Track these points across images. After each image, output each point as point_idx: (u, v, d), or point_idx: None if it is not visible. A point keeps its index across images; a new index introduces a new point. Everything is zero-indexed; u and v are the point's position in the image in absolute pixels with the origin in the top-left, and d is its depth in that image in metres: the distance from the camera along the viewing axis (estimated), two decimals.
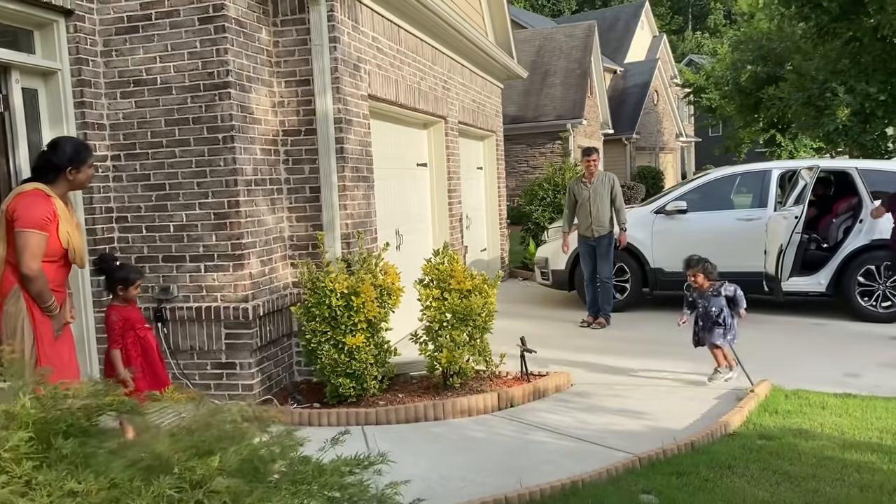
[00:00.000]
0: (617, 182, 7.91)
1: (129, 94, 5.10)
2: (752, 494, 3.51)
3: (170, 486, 1.99)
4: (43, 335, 3.34)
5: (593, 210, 7.72)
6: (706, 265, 5.74)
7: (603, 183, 7.76)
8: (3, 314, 3.28)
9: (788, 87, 12.61)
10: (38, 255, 3.33)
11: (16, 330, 3.27)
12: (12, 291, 3.31)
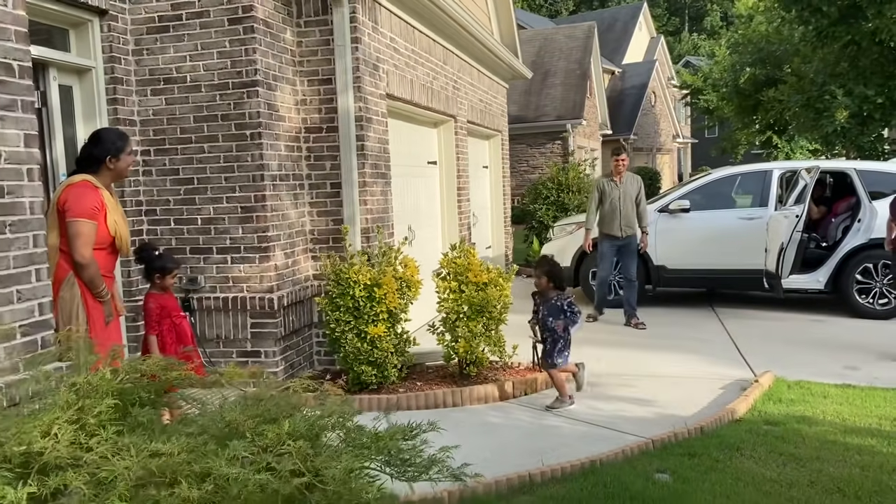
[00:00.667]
0: (643, 184, 8.04)
1: (159, 91, 5.29)
2: (760, 473, 3.73)
3: (244, 449, 2.19)
4: (95, 320, 3.54)
5: (623, 210, 7.74)
6: (553, 268, 5.27)
7: (632, 183, 7.83)
8: (59, 300, 3.47)
9: (788, 89, 12.85)
10: (89, 243, 3.52)
11: (71, 315, 3.47)
12: (66, 279, 3.50)
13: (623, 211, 7.77)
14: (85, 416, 2.31)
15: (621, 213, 7.77)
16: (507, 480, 3.61)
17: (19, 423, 2.16)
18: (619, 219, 7.77)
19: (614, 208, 7.78)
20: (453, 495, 3.46)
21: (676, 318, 8.30)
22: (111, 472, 2.07)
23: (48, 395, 2.68)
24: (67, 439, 2.14)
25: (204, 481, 2.11)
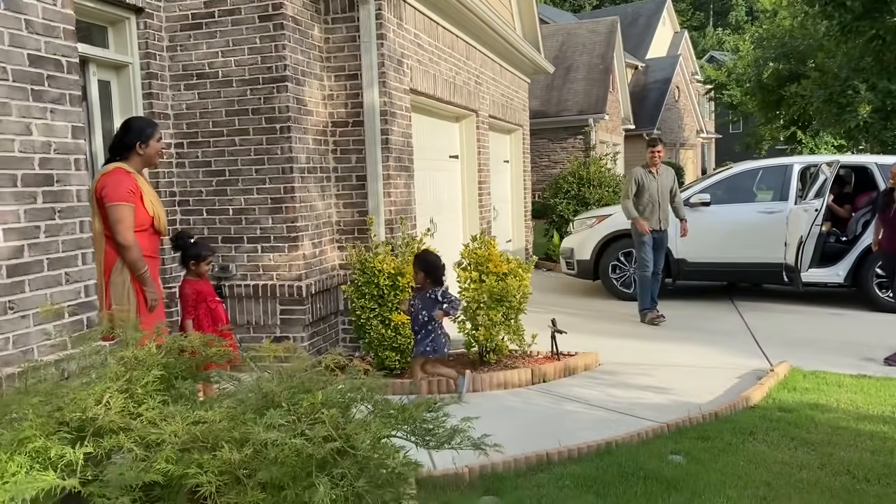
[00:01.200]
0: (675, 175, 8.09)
1: (192, 86, 5.49)
2: (772, 456, 3.85)
3: (280, 417, 2.37)
4: (142, 304, 3.74)
5: (661, 201, 7.75)
6: (429, 264, 5.11)
7: (667, 175, 7.84)
8: (111, 285, 3.68)
9: (811, 84, 12.81)
10: (130, 226, 3.72)
11: (122, 298, 3.67)
12: (116, 264, 3.71)
13: (662, 203, 7.77)
14: (133, 386, 2.51)
15: (660, 205, 7.76)
16: (525, 459, 3.76)
17: (75, 392, 2.35)
18: (658, 211, 7.75)
19: (653, 200, 7.72)
20: (473, 471, 3.62)
21: (696, 310, 8.38)
22: (159, 435, 2.25)
23: (97, 368, 2.89)
24: (118, 406, 2.33)
25: (243, 446, 2.29)
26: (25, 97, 3.12)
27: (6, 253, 3.01)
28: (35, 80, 3.17)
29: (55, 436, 2.21)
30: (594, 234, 9.21)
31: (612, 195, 12.10)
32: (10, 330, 3.02)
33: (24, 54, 3.11)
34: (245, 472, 2.29)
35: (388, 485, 2.42)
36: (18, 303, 3.06)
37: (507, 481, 3.55)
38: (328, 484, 2.18)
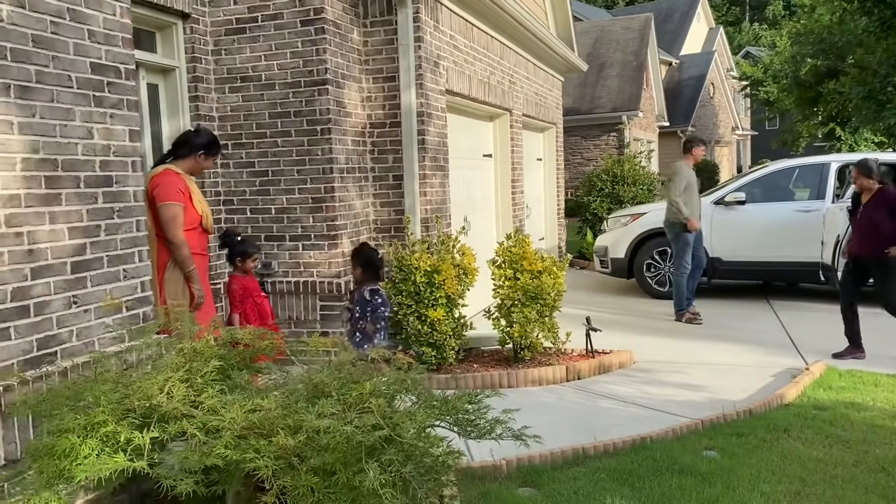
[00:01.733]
0: None
1: (236, 89, 5.67)
2: (807, 453, 3.89)
3: (331, 406, 2.50)
4: (193, 299, 3.93)
5: (698, 200, 7.89)
6: (369, 257, 5.30)
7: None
8: (165, 281, 3.87)
9: (850, 81, 12.64)
10: (180, 224, 3.91)
11: (177, 294, 3.86)
12: (170, 261, 3.89)
13: (699, 200, 7.90)
14: (193, 376, 2.66)
15: (700, 201, 7.90)
16: (561, 452, 3.86)
17: (140, 381, 2.50)
18: (699, 208, 7.85)
19: (696, 197, 7.81)
20: (510, 463, 3.73)
21: (731, 309, 8.38)
22: (220, 422, 2.40)
23: (154, 359, 3.05)
24: (181, 395, 2.48)
25: (297, 433, 2.43)
26: (88, 103, 3.30)
27: (70, 250, 3.19)
28: (96, 86, 3.34)
29: (124, 421, 2.37)
30: (629, 232, 9.24)
31: (647, 193, 12.09)
32: (74, 323, 3.20)
33: (87, 62, 3.29)
34: (297, 457, 2.43)
35: (432, 472, 2.54)
36: (81, 297, 3.24)
37: (544, 474, 3.66)
38: (377, 469, 2.30)
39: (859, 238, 6.12)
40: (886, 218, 5.88)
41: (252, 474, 2.63)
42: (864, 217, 6.05)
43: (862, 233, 6.08)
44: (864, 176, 6.06)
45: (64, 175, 3.17)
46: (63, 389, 2.48)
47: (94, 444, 2.37)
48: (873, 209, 5.97)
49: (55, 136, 3.13)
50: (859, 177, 6.10)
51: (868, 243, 5.99)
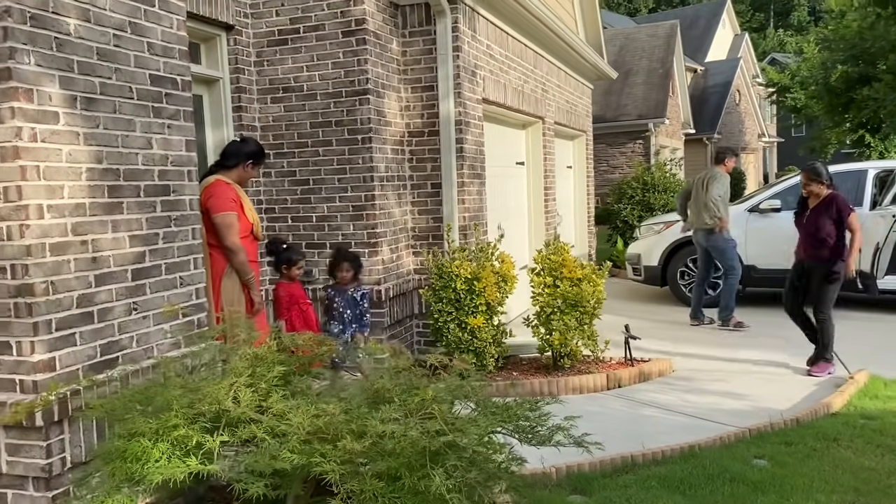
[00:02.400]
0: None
1: (278, 99, 5.75)
2: (858, 462, 3.85)
3: (394, 411, 2.53)
4: (248, 306, 4.00)
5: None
6: (358, 258, 5.39)
7: None
8: (221, 289, 3.95)
9: (883, 87, 12.51)
10: (237, 232, 3.98)
11: (233, 301, 3.93)
12: (226, 270, 3.97)
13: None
14: (257, 381, 2.71)
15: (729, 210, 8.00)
16: (610, 460, 3.86)
17: (208, 386, 2.55)
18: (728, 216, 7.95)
19: (727, 205, 7.94)
20: (560, 471, 3.73)
21: (767, 317, 8.29)
22: (288, 426, 2.44)
23: (211, 365, 3.11)
24: (248, 399, 2.53)
25: (361, 438, 2.46)
26: (147, 114, 3.37)
27: (131, 258, 3.25)
28: (155, 97, 3.42)
29: (195, 425, 2.41)
30: (662, 240, 9.20)
31: None
32: (135, 329, 3.26)
33: (146, 74, 3.37)
34: (362, 462, 2.46)
35: (495, 478, 2.56)
36: (141, 304, 3.30)
37: (594, 481, 3.65)
38: (443, 475, 2.33)
39: (805, 242, 6.05)
40: (832, 225, 5.80)
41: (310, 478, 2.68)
42: (811, 222, 5.96)
43: (808, 238, 6.00)
44: (814, 181, 5.97)
45: (125, 184, 3.24)
46: (135, 394, 2.54)
47: (165, 448, 2.42)
48: (819, 215, 5.89)
49: (117, 147, 3.21)
50: (809, 182, 5.99)
51: (813, 248, 5.92)
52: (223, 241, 3.95)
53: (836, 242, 5.82)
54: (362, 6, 5.47)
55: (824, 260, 5.86)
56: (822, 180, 5.94)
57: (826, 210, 5.88)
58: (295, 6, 5.62)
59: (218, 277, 3.99)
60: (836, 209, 5.84)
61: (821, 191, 5.96)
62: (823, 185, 5.95)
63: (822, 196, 5.96)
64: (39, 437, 2.81)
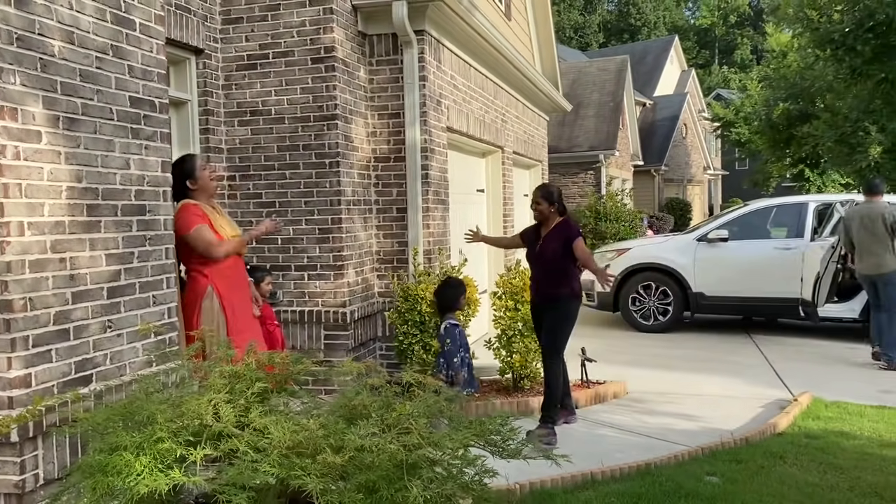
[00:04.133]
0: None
1: (245, 122, 5.82)
2: (803, 478, 4.07)
3: (374, 426, 2.62)
4: (231, 325, 4.03)
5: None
6: (441, 290, 5.56)
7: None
8: (202, 310, 3.98)
9: (821, 124, 13.18)
10: (212, 239, 4.00)
11: (212, 322, 3.96)
12: (207, 290, 4.00)
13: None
14: (235, 397, 2.77)
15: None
16: (571, 477, 4.00)
17: (189, 401, 2.61)
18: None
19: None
20: (524, 487, 3.85)
21: (715, 342, 8.62)
22: (270, 440, 2.51)
23: (190, 383, 3.15)
24: (230, 414, 2.59)
25: (339, 452, 2.55)
26: (126, 135, 3.43)
27: (107, 276, 3.29)
28: (134, 119, 3.48)
29: (178, 438, 2.47)
30: (614, 267, 9.47)
31: (629, 230, 12.40)
32: (109, 347, 3.29)
33: (126, 96, 3.43)
34: (341, 475, 2.54)
35: (469, 490, 2.66)
36: (115, 322, 3.33)
37: (557, 497, 3.78)
38: (420, 486, 2.43)
39: (538, 276, 5.20)
40: (562, 253, 4.99)
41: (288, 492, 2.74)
42: (546, 251, 5.09)
43: (542, 270, 5.16)
44: (545, 202, 5.14)
45: (103, 203, 3.29)
46: (118, 409, 2.58)
47: (146, 462, 2.47)
48: (551, 242, 5.09)
49: (97, 166, 3.26)
50: (540, 203, 5.16)
51: (549, 285, 5.08)
52: (206, 254, 4.01)
53: (572, 277, 5.05)
54: (332, 34, 5.61)
55: (562, 297, 5.02)
56: (552, 202, 5.14)
57: (558, 237, 5.07)
58: (265, 32, 5.73)
59: (199, 298, 4.02)
60: (565, 235, 5.03)
61: (552, 215, 5.15)
62: (554, 209, 5.14)
63: (555, 222, 5.15)
64: (14, 453, 2.82)
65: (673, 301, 9.15)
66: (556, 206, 5.16)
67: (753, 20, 63.26)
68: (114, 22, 3.36)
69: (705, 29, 65.19)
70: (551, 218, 5.18)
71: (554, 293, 5.05)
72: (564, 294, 5.03)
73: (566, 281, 5.03)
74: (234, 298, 4.14)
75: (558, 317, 5.03)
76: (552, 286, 5.05)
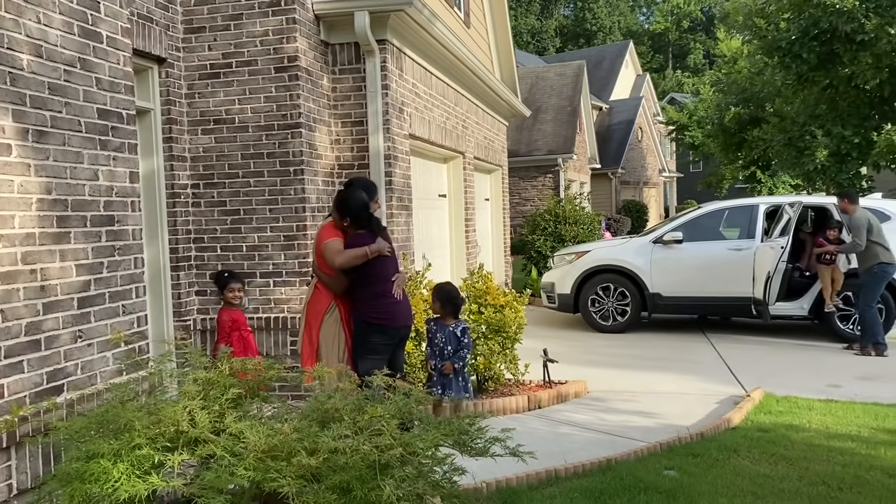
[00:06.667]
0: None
1: (209, 130, 5.85)
2: (755, 470, 4.27)
3: (346, 428, 2.72)
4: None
5: None
6: (447, 294, 5.36)
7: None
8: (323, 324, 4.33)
9: (771, 128, 13.63)
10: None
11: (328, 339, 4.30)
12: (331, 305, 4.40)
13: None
14: (210, 403, 2.84)
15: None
16: (535, 474, 4.13)
17: (166, 408, 2.67)
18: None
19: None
20: (490, 486, 3.97)
21: (671, 342, 8.87)
22: (246, 445, 2.58)
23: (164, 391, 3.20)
24: (206, 420, 2.66)
25: (312, 455, 2.63)
26: (94, 146, 3.46)
27: (77, 286, 3.32)
28: (102, 131, 3.52)
29: (156, 444, 2.53)
30: (574, 269, 9.69)
31: (588, 233, 12.65)
32: (80, 357, 3.32)
33: (94, 108, 3.47)
34: (314, 477, 2.63)
35: (439, 487, 2.77)
36: (86, 332, 3.36)
37: (522, 494, 3.91)
38: (393, 485, 2.53)
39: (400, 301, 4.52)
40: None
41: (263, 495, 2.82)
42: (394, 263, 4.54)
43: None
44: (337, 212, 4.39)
45: (73, 215, 3.32)
46: (94, 417, 2.62)
47: (124, 468, 2.52)
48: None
49: (66, 178, 3.29)
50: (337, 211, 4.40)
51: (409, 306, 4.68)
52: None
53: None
54: (295, 44, 5.68)
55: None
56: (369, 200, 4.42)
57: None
58: (227, 42, 5.77)
59: (321, 314, 4.30)
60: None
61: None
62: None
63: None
64: None
65: (631, 302, 9.38)
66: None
67: (706, 25, 64.74)
68: (81, 35, 3.39)
69: (659, 34, 66.46)
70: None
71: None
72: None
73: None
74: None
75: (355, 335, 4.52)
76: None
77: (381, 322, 4.38)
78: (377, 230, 4.40)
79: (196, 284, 5.90)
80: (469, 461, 3.00)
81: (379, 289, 4.37)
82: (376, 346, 4.41)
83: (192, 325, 5.83)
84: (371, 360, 4.29)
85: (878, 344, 7.74)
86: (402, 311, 4.51)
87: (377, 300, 4.39)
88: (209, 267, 5.87)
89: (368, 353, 4.38)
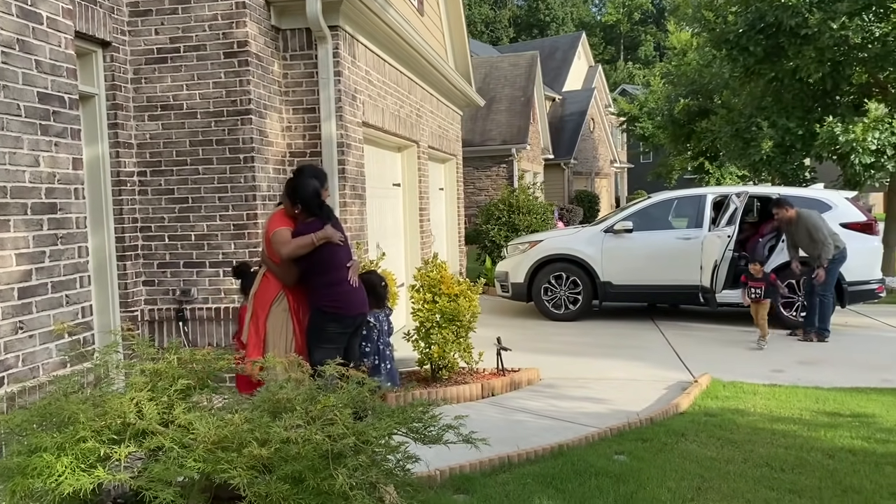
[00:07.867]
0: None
1: (156, 117, 5.71)
2: (703, 453, 4.38)
3: (299, 418, 2.69)
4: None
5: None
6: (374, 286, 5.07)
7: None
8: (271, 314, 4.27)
9: (719, 120, 13.90)
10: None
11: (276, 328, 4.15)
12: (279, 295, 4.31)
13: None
14: (158, 395, 2.78)
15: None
16: (489, 461, 4.16)
17: (113, 399, 2.61)
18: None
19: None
20: (444, 473, 3.99)
21: (621, 329, 9.02)
22: (195, 436, 2.54)
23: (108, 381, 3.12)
24: (154, 412, 2.61)
25: (264, 445, 2.60)
26: (35, 132, 3.35)
27: (17, 276, 3.21)
28: (42, 115, 3.40)
29: (101, 437, 2.46)
30: (527, 258, 9.76)
31: (541, 222, 12.75)
32: (20, 349, 3.21)
33: (34, 92, 3.35)
34: (266, 467, 2.60)
35: (392, 475, 2.77)
36: (27, 323, 3.26)
37: (476, 481, 3.94)
38: (346, 474, 2.52)
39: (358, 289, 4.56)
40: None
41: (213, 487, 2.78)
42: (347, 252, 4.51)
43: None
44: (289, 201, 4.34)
45: (12, 202, 3.20)
46: (37, 410, 2.54)
47: (68, 462, 2.45)
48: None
49: (4, 164, 3.17)
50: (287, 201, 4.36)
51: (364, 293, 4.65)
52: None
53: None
54: (244, 29, 5.57)
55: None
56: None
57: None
58: (175, 26, 5.63)
59: (268, 303, 4.20)
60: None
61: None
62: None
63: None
64: None
65: (582, 290, 9.50)
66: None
67: (656, 17, 65.69)
68: (20, 15, 3.27)
69: (611, 25, 67.19)
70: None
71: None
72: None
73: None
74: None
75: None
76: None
77: (336, 310, 4.35)
78: (329, 217, 4.36)
79: (143, 274, 5.76)
80: (423, 449, 3.00)
81: (332, 276, 4.33)
82: (332, 335, 4.37)
83: (140, 316, 5.70)
84: (325, 349, 4.21)
85: (822, 331, 7.99)
86: (357, 298, 4.48)
87: (331, 288, 4.34)
88: (156, 256, 5.75)
89: (324, 343, 4.31)
